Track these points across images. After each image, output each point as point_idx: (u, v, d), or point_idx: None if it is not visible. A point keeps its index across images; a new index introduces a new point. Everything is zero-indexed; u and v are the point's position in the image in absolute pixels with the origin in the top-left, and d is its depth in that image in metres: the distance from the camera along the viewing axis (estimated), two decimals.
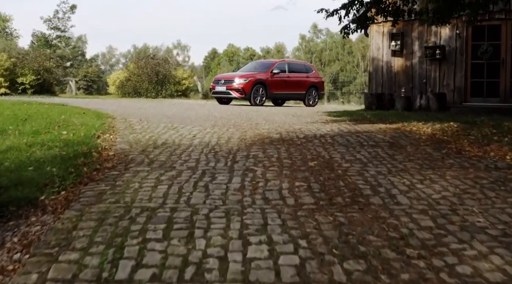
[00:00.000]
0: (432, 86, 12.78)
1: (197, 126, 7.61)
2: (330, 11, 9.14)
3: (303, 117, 10.12)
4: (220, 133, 6.85)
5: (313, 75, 17.94)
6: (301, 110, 13.73)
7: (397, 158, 5.27)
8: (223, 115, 10.02)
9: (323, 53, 69.22)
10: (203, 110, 11.79)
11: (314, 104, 17.67)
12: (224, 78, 16.55)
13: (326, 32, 71.98)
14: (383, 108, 12.53)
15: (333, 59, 68.79)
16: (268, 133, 6.88)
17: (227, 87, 16.02)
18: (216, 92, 16.49)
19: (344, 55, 68.04)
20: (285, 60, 17.89)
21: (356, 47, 67.66)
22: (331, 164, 4.91)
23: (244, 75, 16.30)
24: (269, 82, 16.30)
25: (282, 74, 16.73)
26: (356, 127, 7.72)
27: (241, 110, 12.39)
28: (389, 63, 13.34)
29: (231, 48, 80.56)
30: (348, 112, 11.64)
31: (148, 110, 11.26)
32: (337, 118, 9.75)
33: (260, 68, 17.10)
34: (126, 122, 8.00)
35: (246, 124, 8.16)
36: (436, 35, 12.73)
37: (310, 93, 17.57)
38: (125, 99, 18.65)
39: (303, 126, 7.84)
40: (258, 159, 5.06)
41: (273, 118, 9.59)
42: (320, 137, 6.54)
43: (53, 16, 30.02)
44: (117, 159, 5.13)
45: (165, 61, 21.66)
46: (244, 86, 15.80)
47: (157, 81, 20.76)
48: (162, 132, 6.92)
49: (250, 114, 10.51)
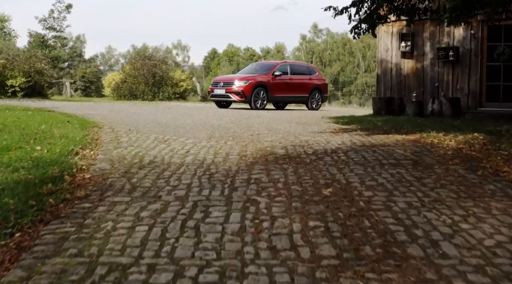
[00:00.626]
0: (444, 90, 11.92)
1: (192, 138, 6.76)
2: (339, 9, 8.29)
3: (308, 124, 9.26)
4: (217, 148, 5.99)
5: (316, 77, 17.08)
6: (304, 115, 12.88)
7: (426, 182, 4.42)
8: (221, 123, 9.17)
9: (324, 53, 68.39)
10: (200, 116, 10.93)
11: (317, 108, 16.81)
12: (223, 81, 15.69)
13: (327, 32, 71.23)
14: (393, 114, 11.68)
15: (333, 59, 67.96)
16: (272, 147, 6.02)
17: (227, 90, 15.16)
18: (215, 95, 15.63)
19: (345, 55, 67.21)
20: (287, 61, 17.06)
21: (356, 47, 66.83)
22: (350, 192, 4.05)
23: (244, 77, 15.44)
24: (270, 85, 15.45)
25: (284, 76, 15.87)
26: (370, 139, 6.87)
27: (241, 115, 11.54)
28: (398, 65, 12.48)
29: (231, 48, 79.72)
30: (356, 118, 10.78)
31: (140, 116, 10.41)
32: (346, 126, 8.90)
33: (261, 70, 16.24)
34: (112, 133, 7.14)
35: (246, 134, 7.31)
36: (449, 36, 11.87)
37: (313, 96, 16.71)
38: (119, 102, 17.80)
39: (310, 138, 6.99)
40: (262, 185, 4.21)
41: (276, 126, 8.73)
42: (332, 153, 5.69)
43: (48, 16, 29.16)
44: (93, 184, 4.27)
45: (162, 62, 20.80)
46: (244, 89, 14.95)
47: (153, 83, 19.89)
48: (151, 146, 6.07)
49: (250, 122, 9.66)
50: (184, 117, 10.65)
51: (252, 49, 76.51)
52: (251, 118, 10.79)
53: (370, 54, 65.64)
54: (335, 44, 69.08)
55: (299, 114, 13.39)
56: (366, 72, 66.28)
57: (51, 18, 29.06)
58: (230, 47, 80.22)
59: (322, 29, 70.82)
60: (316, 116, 12.49)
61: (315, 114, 13.78)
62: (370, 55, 65.71)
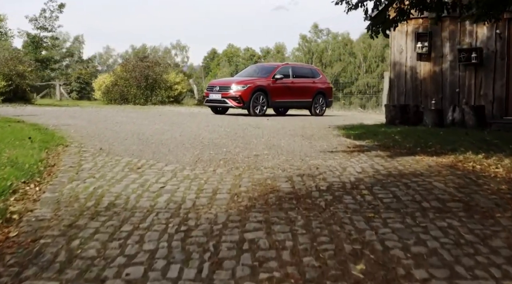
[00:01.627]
0: (466, 96, 10.55)
1: (173, 163, 5.38)
2: (353, 3, 6.92)
3: (315, 139, 7.88)
4: (202, 179, 4.61)
5: (320, 80, 15.70)
6: (309, 123, 11.50)
7: (495, 245, 3.04)
8: (213, 137, 7.79)
9: (324, 53, 66.98)
10: (191, 127, 9.55)
11: (321, 113, 15.44)
12: (219, 85, 14.30)
13: (327, 32, 69.79)
14: (408, 123, 10.32)
15: (334, 60, 66.55)
16: (274, 179, 4.64)
17: (223, 95, 13.78)
18: (211, 100, 14.25)
19: (346, 55, 65.81)
20: (289, 63, 15.68)
21: (358, 47, 65.43)
22: (392, 270, 2.68)
23: (242, 81, 14.06)
24: (270, 89, 14.07)
25: (285, 80, 14.49)
26: (396, 164, 5.49)
27: (237, 125, 10.16)
28: (414, 69, 11.10)
29: (231, 49, 78.35)
30: (368, 130, 9.41)
31: (123, 128, 9.03)
32: (360, 141, 7.51)
33: (261, 73, 14.86)
34: (77, 155, 5.77)
35: (242, 156, 5.93)
36: (471, 35, 10.50)
37: (317, 100, 15.33)
38: (108, 108, 16.42)
39: (320, 161, 5.61)
40: (259, 255, 2.83)
41: (278, 141, 7.36)
42: (352, 188, 4.30)
43: (40, 15, 27.76)
44: (14, 251, 2.90)
45: (155, 63, 19.39)
46: (242, 93, 13.57)
47: (146, 86, 18.49)
48: (119, 177, 4.69)
49: (248, 135, 8.28)
50: (173, 128, 9.28)
51: (252, 49, 75.19)
52: (249, 129, 9.41)
53: (371, 55, 64.34)
54: (336, 44, 67.71)
55: (303, 122, 12.01)
56: (367, 73, 64.92)
57: (43, 17, 27.63)
58: (230, 47, 78.85)
59: (322, 29, 69.43)
60: (321, 125, 11.12)
61: (320, 121, 12.40)
62: (371, 56, 64.40)
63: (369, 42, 66.31)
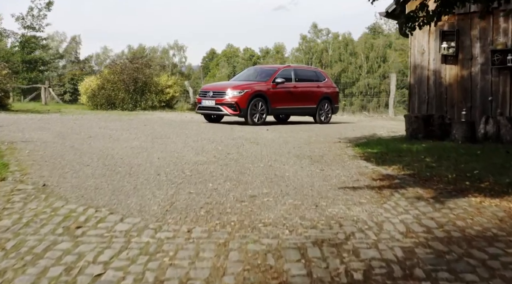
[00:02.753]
0: (500, 106, 8.91)
1: (133, 215, 3.72)
2: None
3: (326, 162, 6.24)
4: (166, 257, 2.96)
5: (326, 84, 14.04)
6: (315, 135, 9.87)
7: None
8: (199, 161, 6.15)
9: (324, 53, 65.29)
10: (176, 143, 7.90)
11: (326, 121, 13.79)
12: (212, 90, 12.62)
13: (327, 32, 68.10)
14: (433, 137, 8.68)
15: (334, 60, 64.90)
16: (278, 255, 2.98)
17: (217, 102, 12.13)
18: (203, 107, 12.58)
19: (347, 55, 64.17)
20: (291, 65, 14.04)
21: (359, 47, 63.77)
22: None
23: (239, 85, 12.39)
24: (270, 95, 12.42)
25: (287, 84, 12.84)
26: (451, 215, 3.82)
27: (231, 140, 8.51)
28: (438, 73, 9.45)
29: (230, 49, 76.72)
30: (386, 145, 7.76)
31: (91, 146, 7.39)
32: (386, 168, 5.84)
33: (260, 76, 13.21)
34: (6, 197, 4.12)
35: (232, 197, 4.28)
36: (506, 34, 8.86)
37: (322, 106, 13.69)
38: (91, 114, 14.75)
39: (342, 209, 3.96)
40: None
41: (281, 169, 5.71)
42: (405, 278, 2.66)
43: (27, 14, 26.08)
44: None
45: (145, 65, 17.70)
46: (239, 100, 11.92)
47: (135, 89, 16.81)
48: (40, 249, 3.01)
49: (243, 156, 6.62)
50: (154, 145, 7.62)
51: (251, 49, 73.55)
52: (245, 146, 7.76)
53: (373, 55, 62.72)
54: (336, 44, 66.06)
55: (308, 133, 10.36)
56: (369, 73, 63.31)
57: (30, 16, 25.96)
58: (229, 48, 77.22)
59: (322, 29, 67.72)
60: (330, 137, 9.49)
61: (327, 132, 10.75)
62: (372, 56, 62.78)
63: (372, 42, 64.74)
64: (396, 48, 67.82)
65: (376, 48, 62.83)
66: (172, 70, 66.40)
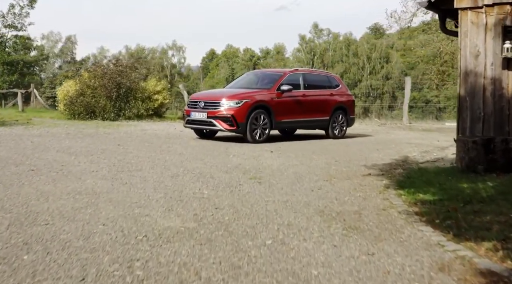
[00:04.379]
0: None
1: None
2: None
3: (372, 231, 3.84)
4: None
5: (340, 91, 11.64)
6: (334, 161, 7.48)
7: None
8: (166, 231, 3.73)
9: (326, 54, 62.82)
10: (147, 181, 5.49)
11: (341, 135, 11.41)
12: (204, 99, 10.18)
13: (328, 32, 65.58)
14: (496, 169, 6.29)
15: (336, 61, 62.45)
16: None
17: (209, 114, 9.73)
18: (193, 121, 10.17)
19: (349, 56, 61.71)
20: (299, 69, 11.58)
21: (362, 48, 61.32)
22: None
23: (236, 94, 9.97)
24: (275, 105, 10.03)
25: (295, 92, 10.45)
26: None
27: (224, 173, 6.10)
28: (498, 82, 7.02)
29: (230, 49, 74.33)
30: (438, 184, 5.37)
31: (21, 190, 4.99)
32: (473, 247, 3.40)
33: (262, 83, 10.82)
34: None
35: None
36: None
37: (335, 118, 11.30)
38: (63, 126, 12.29)
39: None
40: None
41: (302, 248, 3.30)
42: None
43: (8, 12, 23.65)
44: None
45: (130, 68, 15.25)
46: (236, 112, 9.53)
47: (118, 96, 14.39)
48: None
49: (240, 217, 4.19)
50: (112, 189, 5.21)
51: (251, 50, 71.11)
52: (242, 190, 5.35)
53: (375, 56, 60.32)
54: (338, 44, 63.61)
55: (324, 158, 7.95)
56: (371, 74, 60.90)
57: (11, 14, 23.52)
58: (229, 48, 74.83)
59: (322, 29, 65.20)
60: (355, 167, 7.10)
61: (349, 156, 8.35)
62: (375, 57, 60.37)
63: (374, 43, 62.31)
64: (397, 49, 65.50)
65: (378, 49, 60.40)
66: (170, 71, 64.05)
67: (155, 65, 62.59)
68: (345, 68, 60.52)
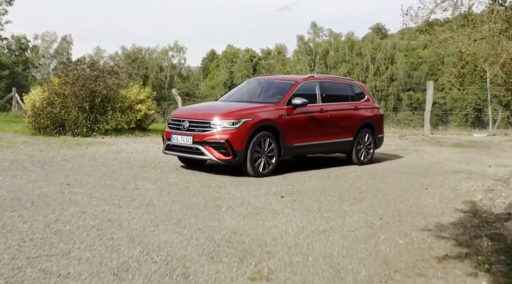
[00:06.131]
0: None
1: None
2: None
3: None
4: None
5: (366, 103, 8.98)
6: (378, 221, 4.82)
7: None
8: None
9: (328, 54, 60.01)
10: None
11: (367, 160, 8.76)
12: (189, 117, 7.38)
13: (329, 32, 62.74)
14: None
15: (339, 61, 59.69)
16: None
17: (196, 139, 7.02)
18: (174, 146, 7.42)
19: (352, 56, 58.96)
20: (315, 76, 8.73)
21: (365, 48, 58.55)
22: None
23: (233, 111, 7.23)
24: (284, 125, 7.35)
25: (311, 107, 7.79)
26: None
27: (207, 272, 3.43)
28: None
29: (231, 49, 71.64)
30: None
31: None
32: None
33: (266, 94, 8.15)
34: None
35: None
36: None
37: (361, 139, 8.64)
38: (14, 146, 9.64)
39: None
40: None
41: None
42: None
43: None
44: None
45: (109, 72, 12.55)
46: (233, 136, 6.84)
47: (92, 106, 11.68)
48: None
49: None
50: None
51: (252, 50, 68.38)
52: None
53: (380, 56, 57.60)
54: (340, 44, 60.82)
55: (358, 207, 5.29)
56: (376, 75, 58.17)
57: None
58: (229, 48, 72.15)
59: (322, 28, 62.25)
60: (409, 227, 4.47)
61: (390, 201, 5.68)
62: (380, 57, 57.65)
63: (379, 43, 59.56)
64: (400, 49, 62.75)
65: (383, 49, 57.66)
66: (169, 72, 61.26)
67: (153, 66, 59.99)
68: (348, 69, 57.83)
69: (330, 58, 59.48)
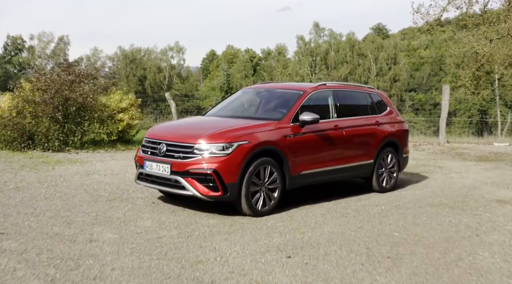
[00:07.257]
0: None
1: None
2: None
3: None
4: None
5: (388, 117, 7.26)
6: None
7: None
8: None
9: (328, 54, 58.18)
10: None
11: (390, 186, 7.06)
12: (168, 139, 5.60)
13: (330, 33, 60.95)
14: None
15: (340, 62, 57.89)
16: None
17: (174, 168, 5.31)
18: (148, 176, 5.71)
19: (354, 57, 57.17)
20: (327, 84, 7.07)
21: (367, 48, 56.77)
22: None
23: (225, 131, 5.48)
24: (289, 148, 5.64)
25: (323, 123, 6.07)
26: None
27: None
28: None
29: (231, 50, 69.95)
30: None
31: None
32: None
33: (266, 107, 6.44)
34: None
35: None
36: None
37: (383, 160, 6.94)
38: None
39: None
40: None
41: None
42: None
43: None
44: None
45: (86, 77, 10.83)
46: (223, 166, 5.13)
47: (66, 116, 9.94)
48: None
49: None
50: None
51: (252, 50, 66.64)
52: None
53: (382, 56, 55.85)
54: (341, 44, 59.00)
55: (398, 278, 3.65)
56: (378, 76, 56.40)
57: None
58: (229, 49, 70.45)
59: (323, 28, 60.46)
60: None
61: (438, 266, 4.00)
62: (382, 57, 55.90)
63: (381, 43, 57.80)
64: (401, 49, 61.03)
65: (386, 49, 55.86)
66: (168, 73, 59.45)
67: (151, 66, 58.19)
68: (350, 69, 56.07)
69: (331, 59, 57.68)
